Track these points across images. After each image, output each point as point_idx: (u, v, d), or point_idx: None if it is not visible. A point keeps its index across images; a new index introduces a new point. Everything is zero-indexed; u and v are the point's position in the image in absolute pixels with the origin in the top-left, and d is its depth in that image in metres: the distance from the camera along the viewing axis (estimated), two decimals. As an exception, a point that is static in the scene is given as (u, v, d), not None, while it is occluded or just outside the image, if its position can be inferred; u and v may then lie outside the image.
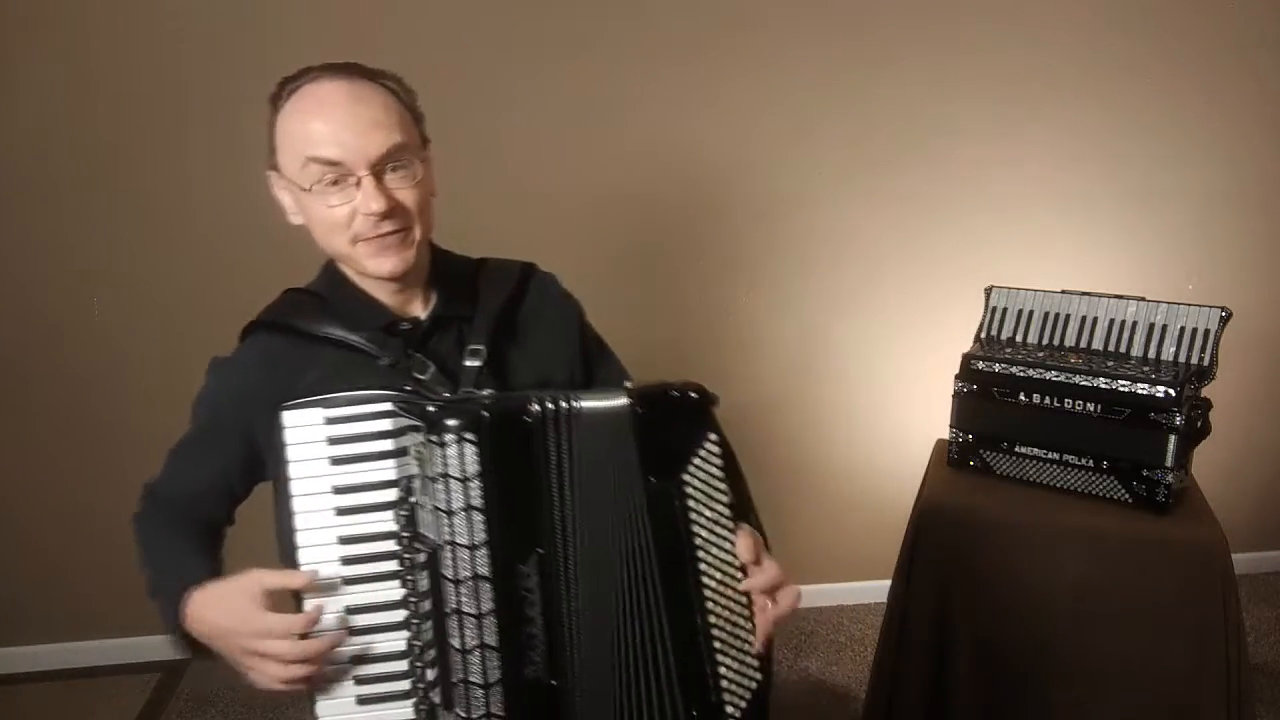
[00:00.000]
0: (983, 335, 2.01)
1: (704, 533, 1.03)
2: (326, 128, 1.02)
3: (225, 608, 0.97)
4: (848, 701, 2.41)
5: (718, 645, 1.04)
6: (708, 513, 1.03)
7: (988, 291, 2.03)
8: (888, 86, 2.50)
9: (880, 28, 2.46)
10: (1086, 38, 2.53)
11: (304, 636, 0.94)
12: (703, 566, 1.03)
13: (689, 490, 1.02)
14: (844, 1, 2.43)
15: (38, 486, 2.41)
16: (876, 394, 2.70)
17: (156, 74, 2.23)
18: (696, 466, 1.02)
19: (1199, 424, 1.72)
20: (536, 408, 0.97)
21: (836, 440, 2.72)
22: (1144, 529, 1.70)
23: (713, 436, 1.03)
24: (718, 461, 1.04)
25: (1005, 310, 1.99)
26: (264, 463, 1.12)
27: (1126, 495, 1.75)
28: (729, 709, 1.04)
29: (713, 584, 1.04)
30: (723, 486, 1.04)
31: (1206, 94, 2.60)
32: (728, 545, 1.04)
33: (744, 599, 1.05)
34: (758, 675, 1.06)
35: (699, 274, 2.57)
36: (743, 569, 1.05)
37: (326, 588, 0.96)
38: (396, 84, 1.10)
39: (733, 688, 1.05)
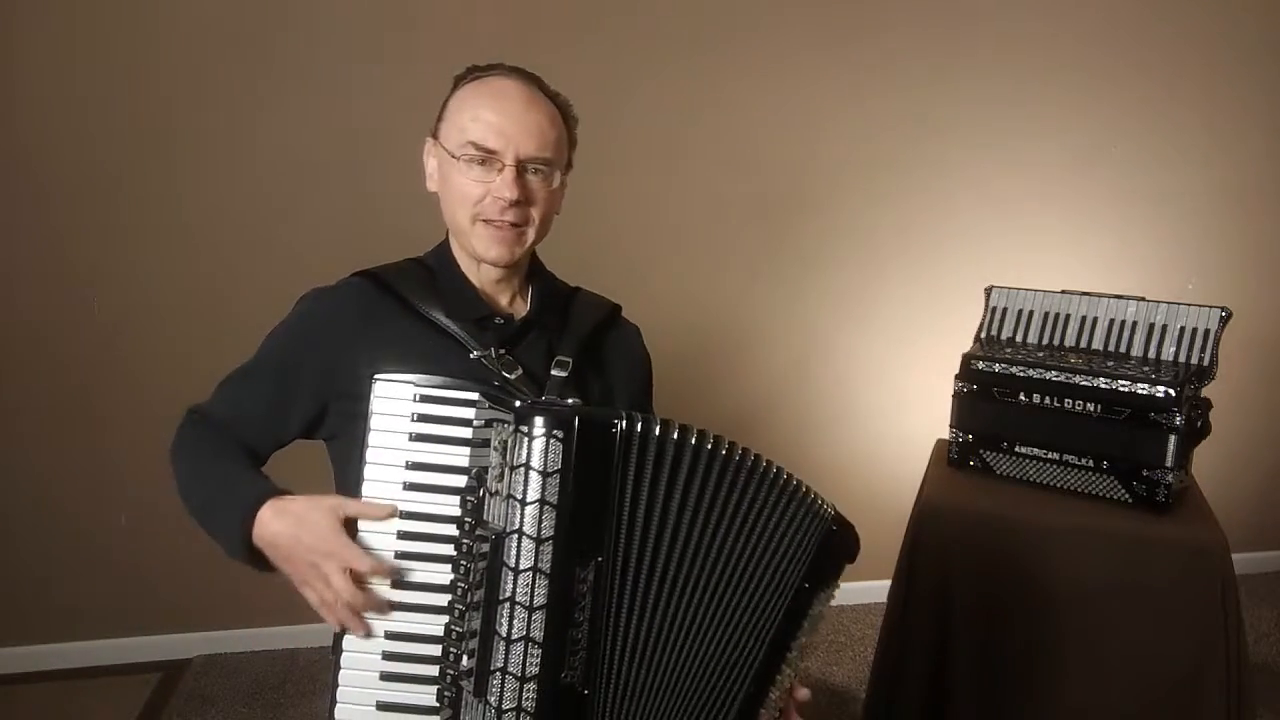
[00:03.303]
0: (983, 335, 2.01)
1: (795, 652, 1.10)
2: (495, 118, 1.11)
3: (304, 518, 1.00)
4: (848, 701, 2.41)
5: None
6: (803, 639, 1.10)
7: (988, 291, 2.03)
8: (890, 88, 2.50)
9: (884, 32, 2.46)
10: (1087, 40, 2.53)
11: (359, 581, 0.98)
12: (779, 677, 1.09)
13: (810, 612, 1.10)
14: (847, 5, 2.43)
15: (38, 486, 2.41)
16: (876, 394, 2.70)
17: (160, 74, 2.23)
18: (822, 598, 1.11)
19: (1199, 424, 1.72)
20: (622, 424, 0.99)
21: (836, 440, 2.72)
22: (1144, 529, 1.70)
23: (839, 583, 1.13)
24: (828, 605, 1.12)
25: (1005, 310, 1.99)
26: (324, 420, 1.15)
27: (1126, 495, 1.75)
28: None
29: (775, 695, 1.09)
30: (818, 625, 1.12)
31: (1206, 95, 2.61)
32: (794, 671, 1.11)
33: None
34: None
35: (699, 273, 2.57)
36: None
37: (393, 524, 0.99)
38: (566, 108, 1.19)
39: None
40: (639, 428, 0.99)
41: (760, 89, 2.45)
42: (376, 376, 1.01)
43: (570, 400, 1.05)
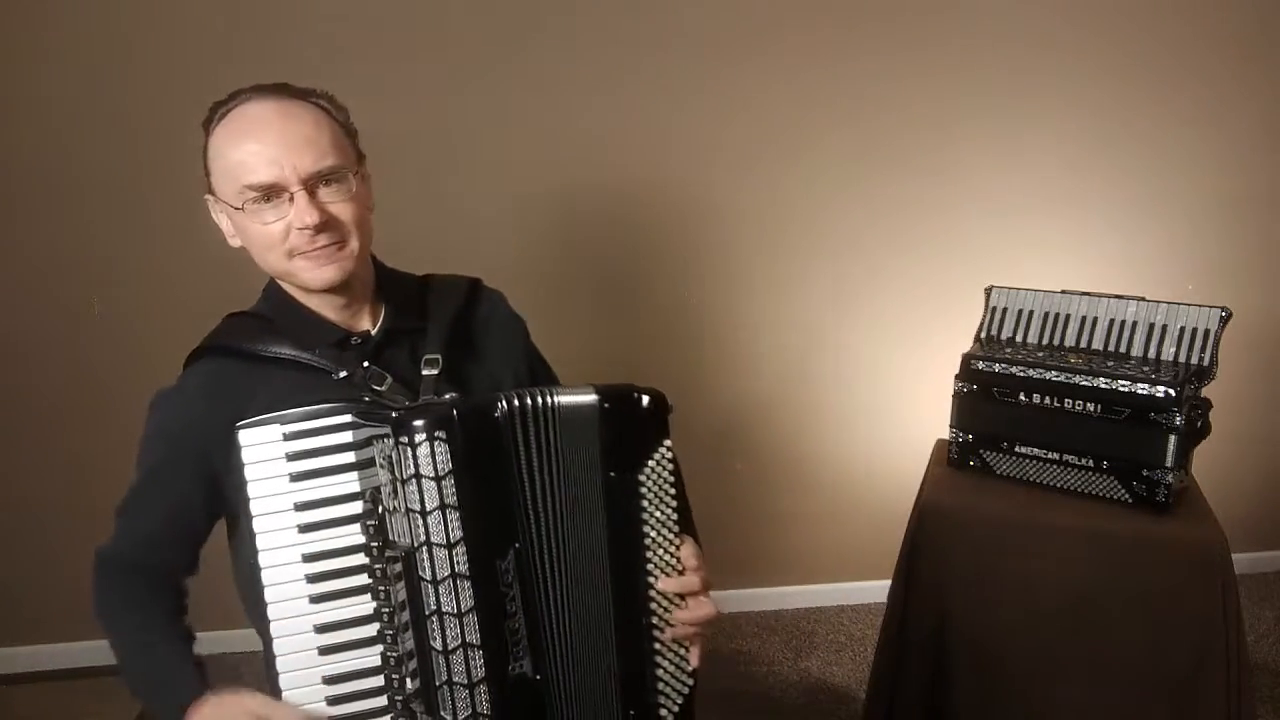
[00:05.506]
0: (983, 335, 2.01)
1: (653, 533, 1.05)
2: (259, 146, 1.02)
3: None
4: (848, 701, 2.41)
5: (657, 646, 1.05)
6: (658, 514, 1.05)
7: (988, 291, 2.03)
8: (888, 90, 2.50)
9: (880, 33, 2.46)
10: (1085, 44, 2.53)
11: None
12: (649, 566, 1.05)
13: (643, 490, 1.04)
14: (844, 6, 2.43)
15: (38, 486, 2.41)
16: (876, 394, 2.70)
17: (162, 73, 2.23)
18: (651, 468, 1.04)
19: (1199, 424, 1.71)
20: (504, 405, 0.98)
21: (837, 440, 2.72)
22: (1144, 529, 1.70)
23: (667, 442, 1.05)
24: (670, 467, 1.06)
25: (1005, 310, 1.99)
26: (223, 495, 1.09)
27: (1126, 495, 1.75)
28: (663, 712, 1.06)
29: (658, 585, 1.05)
30: (673, 491, 1.06)
31: (1206, 96, 2.61)
32: (674, 548, 1.06)
33: (682, 603, 1.07)
34: (690, 680, 1.08)
35: (698, 275, 2.57)
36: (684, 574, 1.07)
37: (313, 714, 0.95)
38: (328, 101, 1.11)
39: (668, 690, 1.07)
40: (516, 403, 0.98)
41: (757, 87, 2.45)
42: (238, 426, 0.96)
43: (447, 395, 1.02)
